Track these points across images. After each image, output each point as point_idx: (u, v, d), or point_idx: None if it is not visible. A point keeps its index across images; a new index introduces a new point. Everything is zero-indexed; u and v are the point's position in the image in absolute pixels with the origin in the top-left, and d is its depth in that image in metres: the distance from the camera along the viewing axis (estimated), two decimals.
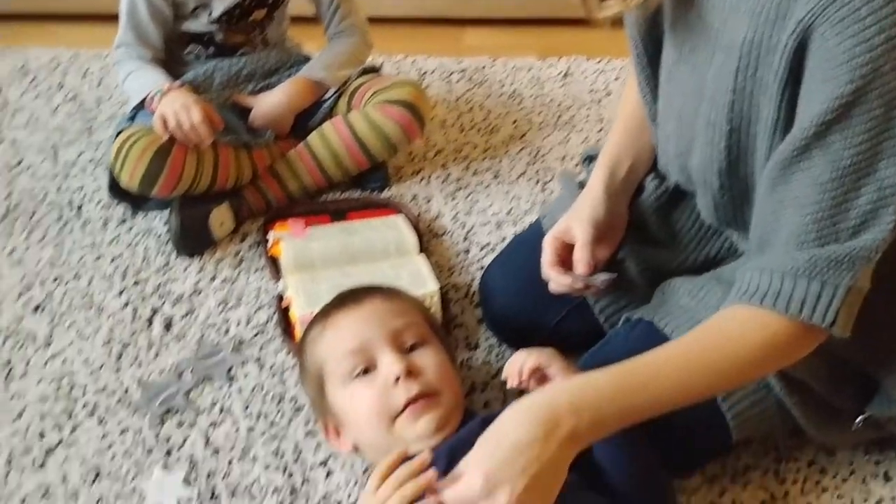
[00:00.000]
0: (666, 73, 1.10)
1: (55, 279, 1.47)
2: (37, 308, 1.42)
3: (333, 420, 1.15)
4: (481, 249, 1.55)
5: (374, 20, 1.77)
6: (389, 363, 1.09)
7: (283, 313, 1.39)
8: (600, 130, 1.82)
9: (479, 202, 1.65)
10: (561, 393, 0.94)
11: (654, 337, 1.15)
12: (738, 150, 1.02)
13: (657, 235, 1.27)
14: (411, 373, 1.09)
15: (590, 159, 1.34)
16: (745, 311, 0.97)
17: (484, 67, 2.02)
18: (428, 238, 1.57)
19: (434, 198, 1.66)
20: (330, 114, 1.65)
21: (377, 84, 1.63)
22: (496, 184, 1.70)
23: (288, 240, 1.48)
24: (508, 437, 0.91)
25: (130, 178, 1.45)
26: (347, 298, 1.19)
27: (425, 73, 1.99)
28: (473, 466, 0.91)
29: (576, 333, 1.29)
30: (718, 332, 0.98)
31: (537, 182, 1.70)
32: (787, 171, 0.93)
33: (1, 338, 1.37)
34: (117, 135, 1.48)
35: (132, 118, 1.52)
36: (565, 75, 2.00)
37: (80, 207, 1.61)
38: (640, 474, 1.06)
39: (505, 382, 1.10)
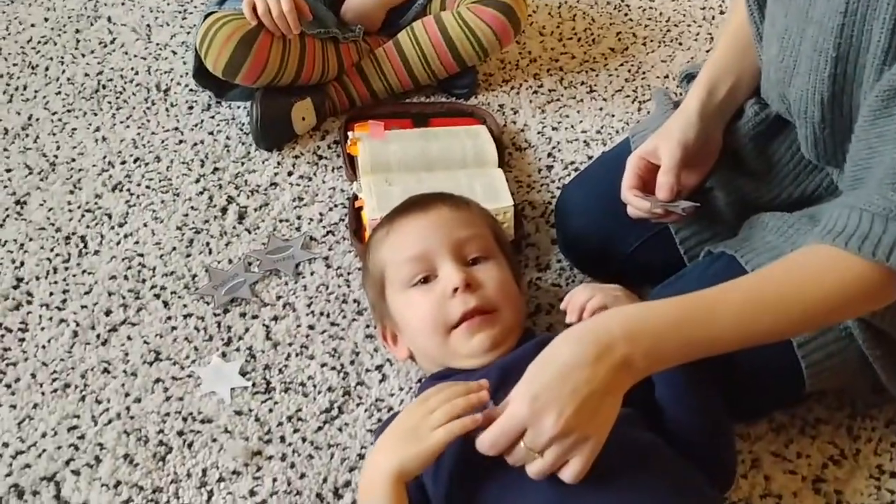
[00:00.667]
0: None
1: (136, 160, 1.48)
2: (116, 187, 1.43)
3: (391, 326, 1.13)
4: (565, 168, 1.49)
5: None
6: (449, 274, 1.06)
7: (356, 214, 1.37)
8: (709, 50, 1.71)
9: (569, 117, 1.58)
10: (617, 318, 0.88)
11: (734, 273, 1.06)
12: (843, 79, 0.92)
13: (752, 166, 1.18)
14: (470, 286, 1.05)
15: (689, 78, 1.25)
16: (827, 251, 0.88)
17: None
18: (511, 151, 1.51)
19: (522, 109, 1.59)
20: (423, 12, 1.59)
21: None
22: (590, 99, 1.61)
23: (366, 140, 1.44)
24: (557, 359, 0.85)
25: (215, 64, 1.43)
26: (415, 204, 1.16)
27: None
28: (520, 389, 0.87)
29: (653, 263, 1.23)
30: (796, 269, 0.90)
31: (634, 100, 1.61)
32: (891, 104, 0.83)
33: (79, 212, 1.39)
34: (205, 18, 1.46)
35: (222, 2, 1.49)
36: None
37: (167, 90, 1.61)
38: (701, 417, 1.00)
39: None
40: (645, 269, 1.26)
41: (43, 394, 1.16)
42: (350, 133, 1.46)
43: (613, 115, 1.58)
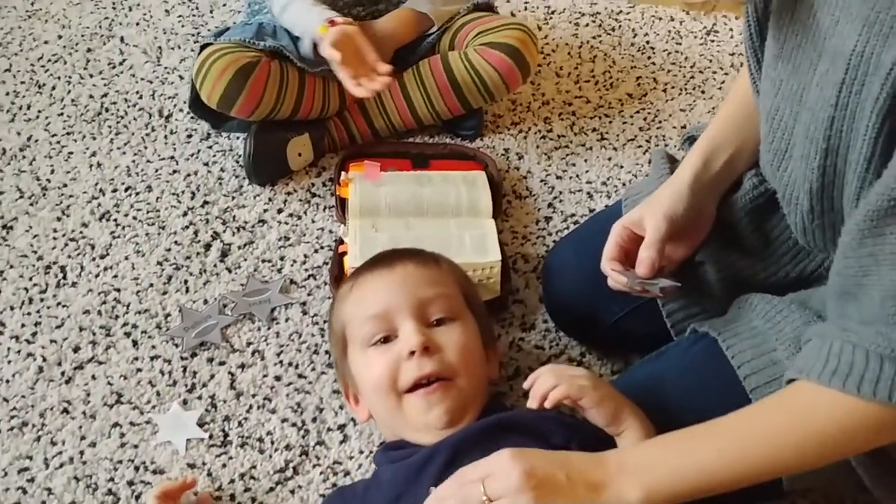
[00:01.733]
0: (765, 66, 0.93)
1: (127, 188, 1.46)
2: (103, 216, 1.41)
3: (353, 385, 1.08)
4: (564, 220, 1.42)
5: None
6: (407, 335, 1.01)
7: (338, 260, 1.33)
8: None
9: (575, 165, 1.51)
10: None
11: (713, 357, 1.01)
12: (833, 173, 0.84)
13: (747, 241, 1.10)
14: (428, 349, 1.00)
15: (690, 141, 1.18)
16: (821, 394, 0.81)
17: (619, 13, 1.83)
18: (510, 198, 1.46)
19: (528, 154, 1.53)
20: (432, 51, 1.54)
21: (484, 24, 1.49)
22: (599, 147, 1.55)
23: (359, 181, 1.40)
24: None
25: (210, 95, 1.40)
26: (382, 260, 1.11)
27: (553, 12, 1.83)
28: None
29: (639, 334, 1.17)
30: (790, 415, 0.84)
31: (645, 151, 1.54)
32: (882, 224, 0.76)
33: (63, 240, 1.37)
34: (202, 49, 1.43)
35: (220, 34, 1.46)
36: (709, 32, 1.79)
37: (168, 116, 1.59)
38: None
39: None
40: (630, 339, 1.20)
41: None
42: (344, 173, 1.42)
43: (622, 167, 1.51)
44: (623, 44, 1.76)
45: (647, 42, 1.76)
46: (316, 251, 1.37)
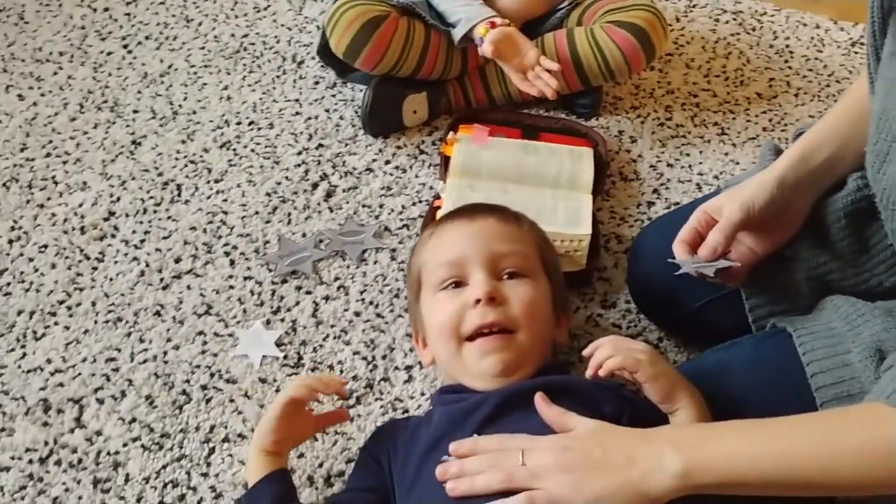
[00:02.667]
0: (881, 64, 0.89)
1: (251, 123, 1.53)
2: (224, 144, 1.49)
3: (422, 328, 1.10)
4: (667, 207, 1.40)
5: None
6: (476, 283, 1.02)
7: (432, 214, 1.35)
8: None
9: (689, 156, 1.49)
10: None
11: (786, 352, 0.98)
12: None
13: (840, 245, 1.05)
14: (494, 299, 1.01)
15: (800, 135, 1.14)
16: (890, 415, 0.78)
17: (763, 14, 1.78)
18: (615, 179, 1.45)
19: (642, 139, 1.51)
20: (560, 25, 1.54)
21: (614, 2, 1.49)
22: (718, 141, 1.51)
23: (465, 142, 1.42)
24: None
25: (338, 44, 1.45)
26: (464, 211, 1.13)
27: (695, 6, 1.80)
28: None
29: (718, 324, 1.13)
30: (856, 429, 0.80)
31: None
32: None
33: (184, 162, 1.46)
34: None
35: None
36: (854, 44, 1.72)
37: (300, 63, 1.65)
38: None
39: None
40: (709, 329, 1.16)
41: (96, 322, 1.23)
42: (452, 133, 1.45)
43: (738, 164, 1.47)
44: (761, 44, 1.71)
45: (787, 46, 1.71)
46: (414, 204, 1.40)
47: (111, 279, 1.28)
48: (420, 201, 1.40)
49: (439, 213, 1.32)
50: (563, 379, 1.01)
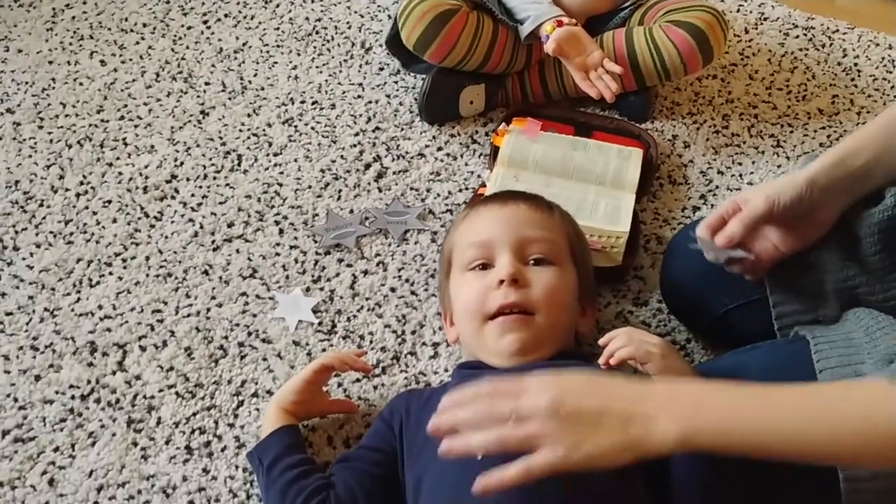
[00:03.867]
0: None
1: (314, 102, 1.59)
2: (287, 121, 1.55)
3: (449, 306, 1.14)
4: None
5: None
6: (502, 265, 1.06)
7: (475, 200, 1.38)
8: None
9: (741, 165, 1.49)
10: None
11: (803, 359, 0.98)
12: None
13: (871, 259, 1.05)
14: (517, 281, 1.04)
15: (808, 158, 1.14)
16: (891, 391, 0.78)
17: (836, 31, 1.77)
18: (664, 182, 1.45)
19: (695, 144, 1.52)
20: (623, 24, 1.56)
21: (676, 3, 1.50)
22: (772, 153, 1.51)
23: (516, 134, 1.45)
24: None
25: (409, 36, 1.49)
26: (498, 196, 1.17)
27: (766, 18, 1.79)
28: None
29: (745, 330, 1.14)
30: (858, 400, 0.80)
31: None
32: None
33: (247, 134, 1.52)
34: None
35: None
36: None
37: (369, 49, 1.70)
38: None
39: None
40: (736, 334, 1.17)
41: (147, 275, 1.30)
42: (505, 124, 1.48)
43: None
44: (829, 61, 1.70)
45: (856, 64, 1.69)
46: (460, 190, 1.44)
47: (166, 237, 1.35)
48: (466, 188, 1.44)
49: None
50: (576, 365, 1.03)
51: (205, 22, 1.75)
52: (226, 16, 1.76)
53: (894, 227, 1.04)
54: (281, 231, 1.37)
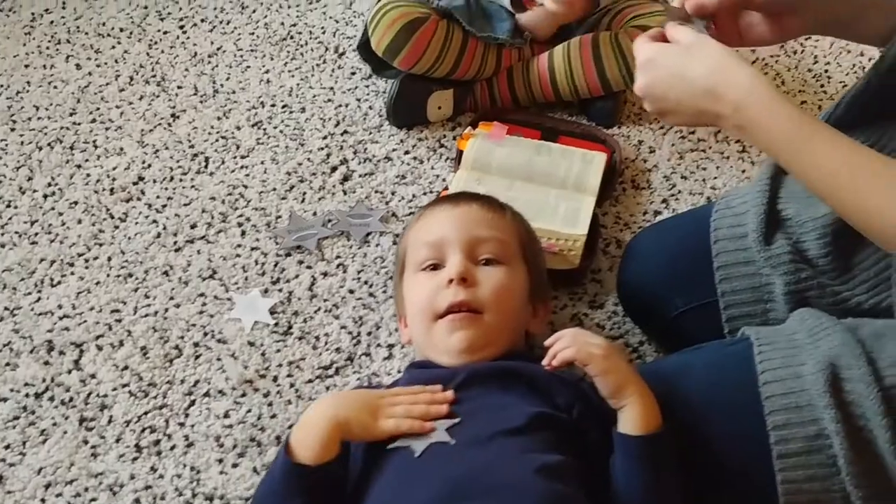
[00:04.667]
0: None
1: (284, 106, 1.60)
2: (256, 124, 1.56)
3: (403, 307, 1.15)
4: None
5: None
6: (452, 264, 1.07)
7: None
8: None
9: (705, 170, 1.49)
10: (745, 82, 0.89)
11: (746, 359, 0.98)
12: None
13: (824, 261, 1.04)
14: (466, 280, 1.05)
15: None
16: None
17: (808, 38, 1.76)
18: (626, 187, 1.46)
19: (660, 149, 1.52)
20: (592, 29, 1.57)
21: (643, 8, 1.51)
22: (737, 159, 1.51)
23: (481, 138, 1.46)
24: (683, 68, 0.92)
25: (378, 43, 1.50)
26: (451, 197, 1.18)
27: None
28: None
29: (696, 334, 1.14)
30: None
31: None
32: None
33: (215, 136, 1.53)
34: None
35: None
36: None
37: (342, 54, 1.72)
38: (644, 496, 0.94)
39: None
40: (688, 336, 1.17)
41: (108, 275, 1.31)
42: (471, 128, 1.49)
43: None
44: (800, 68, 1.70)
45: (826, 71, 1.69)
46: (425, 193, 1.44)
47: (129, 238, 1.36)
48: (431, 191, 1.45)
49: None
50: (522, 365, 1.04)
51: (181, 27, 1.76)
52: (202, 20, 1.78)
53: (843, 228, 1.04)
54: (243, 233, 1.38)
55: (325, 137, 1.54)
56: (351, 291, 1.30)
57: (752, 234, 1.08)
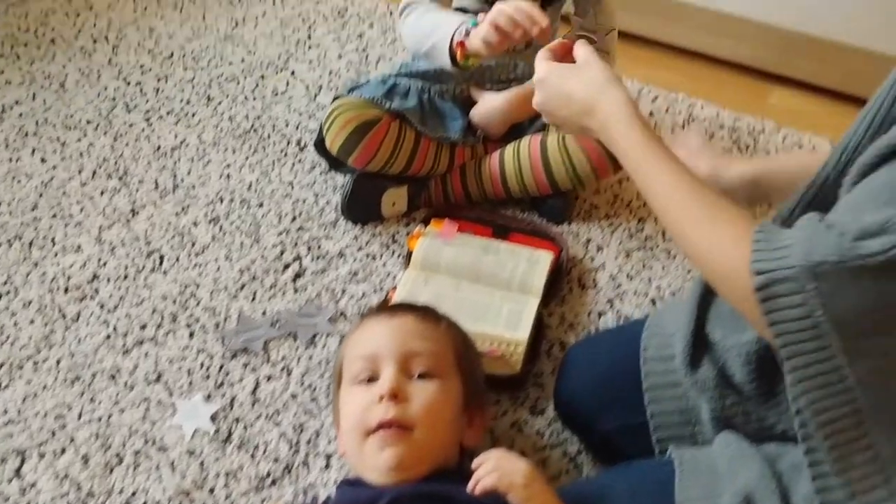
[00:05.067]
0: None
1: (242, 201, 1.63)
2: (213, 220, 1.59)
3: (339, 419, 1.16)
4: (618, 320, 1.43)
5: (664, 46, 1.75)
6: (384, 380, 1.08)
7: (384, 304, 1.41)
8: None
9: (651, 269, 1.51)
10: (613, 103, 1.01)
11: (668, 481, 0.99)
12: None
13: (750, 387, 1.05)
14: (397, 396, 1.06)
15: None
16: (743, 227, 0.86)
17: (762, 131, 1.80)
18: (573, 286, 1.48)
19: (608, 248, 1.55)
20: (544, 128, 1.60)
21: None
22: (682, 258, 1.53)
23: (430, 237, 1.48)
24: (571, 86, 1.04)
25: (331, 144, 1.52)
26: (388, 308, 1.19)
27: (694, 118, 1.83)
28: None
29: (627, 450, 1.15)
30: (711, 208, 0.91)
31: None
32: None
33: (172, 233, 1.56)
34: (334, 100, 1.57)
35: (352, 89, 1.59)
36: None
37: (303, 147, 1.75)
38: None
39: None
40: (622, 451, 1.18)
41: (56, 379, 1.33)
42: (423, 226, 1.52)
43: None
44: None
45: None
46: (375, 292, 1.47)
47: (80, 340, 1.38)
48: (381, 289, 1.47)
49: (390, 302, 1.38)
50: (446, 489, 1.04)
51: (147, 119, 1.80)
52: (168, 112, 1.82)
53: (768, 354, 1.05)
54: (191, 334, 1.40)
55: (280, 233, 1.57)
56: (293, 396, 1.31)
57: (679, 357, 1.09)
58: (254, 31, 2.07)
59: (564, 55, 1.09)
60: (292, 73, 1.95)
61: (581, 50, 1.06)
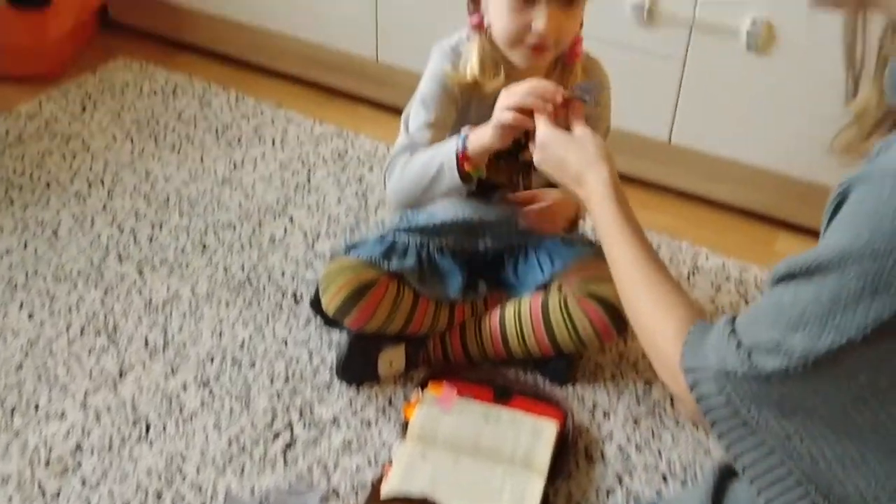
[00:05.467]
0: None
1: (233, 361, 1.57)
2: (203, 383, 1.53)
3: None
4: (627, 500, 1.35)
5: (664, 189, 1.81)
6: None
7: (379, 480, 1.34)
8: None
9: (661, 440, 1.44)
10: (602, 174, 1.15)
11: None
12: None
13: None
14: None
15: None
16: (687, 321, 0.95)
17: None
18: (580, 459, 1.41)
19: (615, 415, 1.48)
20: (544, 287, 1.54)
21: (593, 269, 1.48)
22: (692, 426, 1.47)
23: (428, 405, 1.42)
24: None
25: (328, 305, 1.48)
26: None
27: (699, 270, 1.79)
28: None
29: None
30: (662, 295, 1.01)
31: None
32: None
33: (160, 398, 1.50)
34: (332, 258, 1.53)
35: (349, 249, 1.56)
36: None
37: (299, 301, 1.71)
38: None
39: None
40: None
41: None
42: (420, 389, 1.46)
43: (709, 453, 1.42)
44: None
45: None
46: (369, 464, 1.39)
47: None
48: (376, 462, 1.40)
49: (386, 480, 1.31)
50: None
51: (139, 270, 1.76)
52: (162, 262, 1.78)
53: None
54: None
55: (271, 397, 1.51)
56: None
57: None
58: (252, 174, 2.05)
59: (559, 110, 1.24)
60: (290, 219, 1.92)
61: (578, 129, 1.21)
